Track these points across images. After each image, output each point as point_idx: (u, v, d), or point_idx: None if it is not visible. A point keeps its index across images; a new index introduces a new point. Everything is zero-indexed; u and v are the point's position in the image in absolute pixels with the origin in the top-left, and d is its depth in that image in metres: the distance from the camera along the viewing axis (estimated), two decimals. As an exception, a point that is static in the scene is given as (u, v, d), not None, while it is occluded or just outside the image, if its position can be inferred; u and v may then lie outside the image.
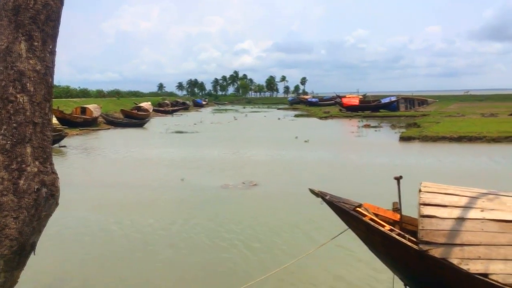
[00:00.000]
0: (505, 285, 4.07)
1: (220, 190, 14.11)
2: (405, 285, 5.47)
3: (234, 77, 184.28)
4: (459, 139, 25.06)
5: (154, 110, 63.23)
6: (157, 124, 46.58)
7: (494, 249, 4.28)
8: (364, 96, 70.78)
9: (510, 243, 4.29)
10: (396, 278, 5.65)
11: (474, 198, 4.80)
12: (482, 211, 4.61)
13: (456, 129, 28.11)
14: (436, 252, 4.41)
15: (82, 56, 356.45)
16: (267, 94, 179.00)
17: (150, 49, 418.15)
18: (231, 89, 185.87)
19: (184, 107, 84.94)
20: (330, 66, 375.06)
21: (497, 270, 4.16)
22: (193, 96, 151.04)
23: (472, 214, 4.58)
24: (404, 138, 26.62)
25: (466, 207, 4.68)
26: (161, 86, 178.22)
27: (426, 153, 21.65)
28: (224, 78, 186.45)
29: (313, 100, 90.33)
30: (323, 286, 7.16)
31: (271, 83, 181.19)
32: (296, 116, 58.34)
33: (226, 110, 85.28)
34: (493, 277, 4.13)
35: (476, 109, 51.22)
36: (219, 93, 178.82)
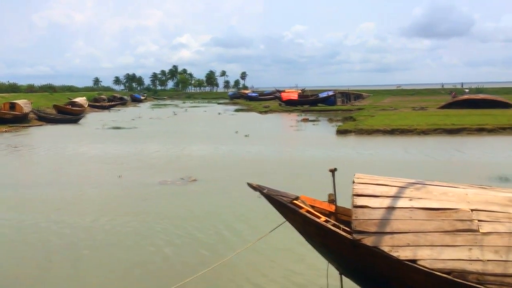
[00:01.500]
0: (432, 269, 4.28)
1: (158, 186, 13.86)
2: (341, 273, 5.64)
3: (174, 72, 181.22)
4: (392, 131, 26.11)
5: (89, 106, 61.01)
6: (93, 120, 45.01)
7: (421, 236, 4.50)
8: (303, 90, 72.12)
9: (436, 230, 4.52)
10: (331, 268, 5.80)
11: (403, 188, 5.02)
12: (410, 200, 4.83)
13: (389, 122, 29.25)
14: (368, 241, 4.57)
15: (11, 49, 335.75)
16: (207, 88, 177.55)
17: (84, 42, 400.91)
18: (170, 84, 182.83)
19: (122, 102, 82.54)
20: (269, 61, 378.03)
21: (425, 255, 4.37)
22: (131, 91, 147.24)
23: (401, 203, 4.79)
24: (340, 131, 27.36)
25: (396, 197, 4.89)
26: (97, 81, 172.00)
27: (361, 146, 22.41)
28: (163, 72, 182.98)
29: (253, 94, 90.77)
30: (261, 278, 7.22)
31: (211, 78, 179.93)
32: (237, 110, 58.37)
33: (165, 105, 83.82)
34: (421, 262, 4.34)
35: (408, 103, 53.59)
36: (158, 88, 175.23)
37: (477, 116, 31.05)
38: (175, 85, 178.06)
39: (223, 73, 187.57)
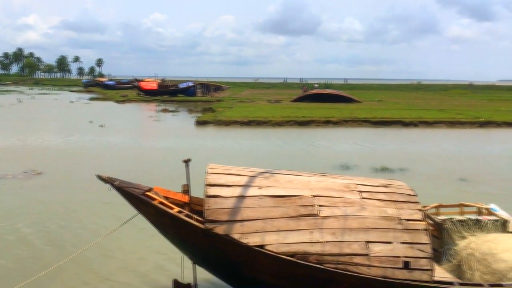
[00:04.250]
0: (278, 253, 4.54)
1: (-5, 181, 12.49)
2: (194, 263, 5.69)
3: (18, 55, 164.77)
4: (249, 123, 27.10)
5: None
6: None
7: (269, 222, 4.74)
8: (163, 80, 70.96)
9: (282, 216, 4.81)
10: (186, 258, 5.81)
11: (253, 177, 5.23)
12: (259, 188, 5.05)
13: (247, 113, 30.31)
14: (220, 229, 4.68)
15: None
16: (59, 75, 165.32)
17: None
18: (15, 68, 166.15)
19: (-47, 87, 72.57)
20: (127, 48, 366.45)
21: (271, 240, 4.61)
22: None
23: (251, 191, 4.99)
24: (199, 122, 27.58)
25: (247, 186, 5.08)
26: None
27: (219, 137, 22.87)
28: (6, 55, 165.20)
29: (110, 83, 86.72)
30: (113, 276, 6.94)
31: (62, 63, 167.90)
32: (91, 99, 55.01)
33: (8, 91, 75.53)
34: (268, 247, 4.57)
35: (264, 95, 56.12)
36: (0, 72, 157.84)
37: (324, 109, 33.83)
38: (20, 70, 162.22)
39: (77, 59, 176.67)
